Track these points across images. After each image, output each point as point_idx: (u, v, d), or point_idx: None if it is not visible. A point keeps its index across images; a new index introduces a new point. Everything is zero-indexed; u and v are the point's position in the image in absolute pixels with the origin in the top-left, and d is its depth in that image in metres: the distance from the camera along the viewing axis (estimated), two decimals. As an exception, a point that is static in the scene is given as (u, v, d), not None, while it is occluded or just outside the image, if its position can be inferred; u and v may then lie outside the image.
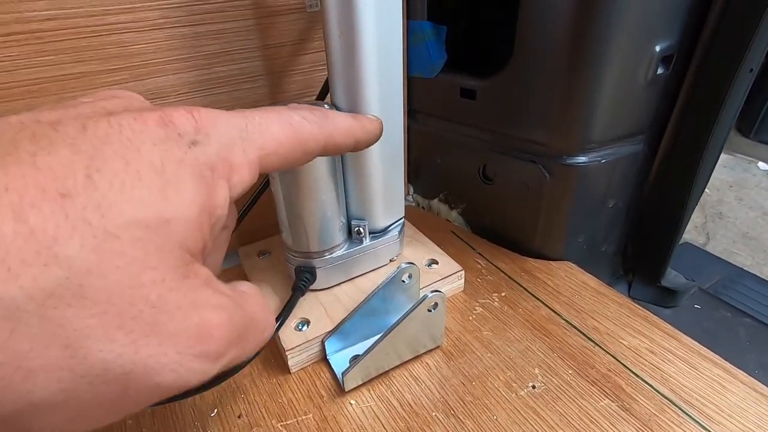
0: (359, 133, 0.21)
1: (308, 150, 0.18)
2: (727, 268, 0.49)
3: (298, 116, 0.18)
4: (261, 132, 0.16)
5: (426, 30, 0.37)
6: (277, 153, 0.17)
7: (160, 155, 0.13)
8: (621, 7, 0.28)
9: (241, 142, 0.15)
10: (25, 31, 0.25)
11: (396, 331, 0.26)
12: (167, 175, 0.13)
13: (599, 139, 0.33)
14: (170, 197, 0.13)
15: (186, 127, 0.14)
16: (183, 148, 0.14)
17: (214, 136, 0.15)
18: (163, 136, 0.13)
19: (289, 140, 0.17)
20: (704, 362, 0.28)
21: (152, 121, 0.13)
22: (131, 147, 0.13)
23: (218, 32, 0.31)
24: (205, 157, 0.14)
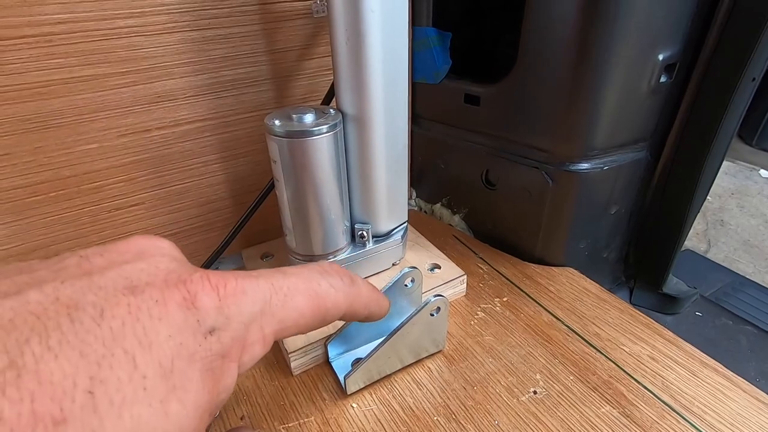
0: (374, 307, 0.21)
1: (327, 319, 0.18)
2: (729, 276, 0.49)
3: (326, 284, 0.18)
4: (284, 304, 0.16)
5: (431, 36, 0.37)
6: (297, 325, 0.16)
7: (171, 352, 0.12)
8: (624, 16, 0.28)
9: (261, 318, 0.15)
10: (36, 34, 0.25)
11: (398, 335, 0.26)
12: (174, 379, 0.12)
13: (602, 146, 0.33)
14: (171, 412, 0.12)
15: (208, 311, 0.14)
16: (199, 339, 0.13)
17: (236, 317, 0.14)
18: (181, 322, 0.13)
19: (312, 312, 0.17)
20: (705, 369, 0.28)
21: (174, 303, 0.13)
22: (144, 343, 0.12)
23: (226, 36, 0.31)
24: (219, 346, 0.14)
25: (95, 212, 0.32)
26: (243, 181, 0.37)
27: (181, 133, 0.32)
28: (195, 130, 0.33)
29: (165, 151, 0.32)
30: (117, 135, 0.30)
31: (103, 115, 0.29)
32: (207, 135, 0.33)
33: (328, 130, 0.26)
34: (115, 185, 0.32)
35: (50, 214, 0.30)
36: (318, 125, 0.26)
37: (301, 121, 0.27)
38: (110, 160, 0.31)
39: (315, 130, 0.26)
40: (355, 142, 0.29)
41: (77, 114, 0.28)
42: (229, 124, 0.34)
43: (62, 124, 0.28)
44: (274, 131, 0.26)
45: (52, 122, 0.28)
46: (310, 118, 0.27)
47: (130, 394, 0.11)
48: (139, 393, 0.12)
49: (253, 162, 0.36)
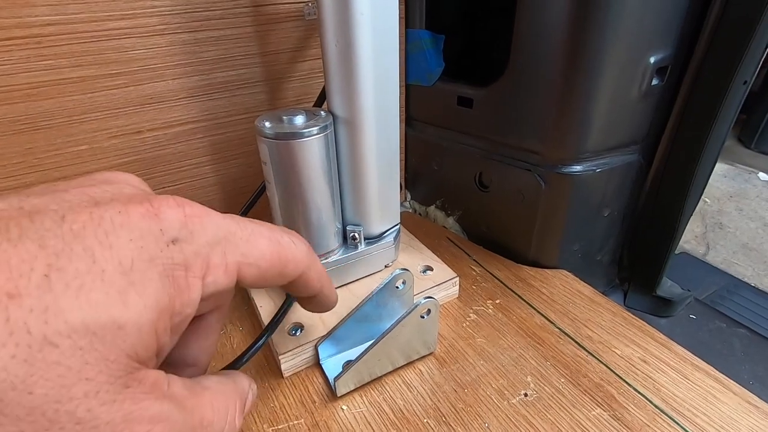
0: (327, 285, 0.22)
1: (285, 273, 0.18)
2: (725, 279, 0.49)
3: (287, 239, 0.18)
4: (248, 240, 0.16)
5: (424, 39, 0.37)
6: (257, 265, 0.17)
7: (132, 253, 0.13)
8: (616, 19, 0.28)
9: (225, 244, 0.15)
10: (26, 36, 0.25)
11: (389, 337, 0.26)
12: (133, 276, 0.13)
13: (594, 149, 0.33)
14: (129, 301, 0.13)
15: (172, 222, 0.14)
16: (161, 245, 0.14)
17: (199, 233, 0.15)
18: (144, 230, 0.13)
19: (272, 257, 0.17)
20: (697, 372, 0.27)
21: (137, 213, 0.14)
22: (104, 243, 0.13)
23: (218, 38, 0.31)
24: (181, 256, 0.14)
25: (86, 214, 0.32)
26: (235, 183, 0.37)
27: (173, 135, 0.32)
28: (187, 132, 0.33)
29: (157, 153, 0.32)
30: (108, 136, 0.30)
31: (93, 116, 0.29)
32: (199, 137, 0.33)
33: (318, 132, 0.26)
34: (106, 187, 0.32)
35: (41, 215, 0.30)
36: (308, 127, 0.26)
37: (291, 123, 0.27)
38: (101, 162, 0.31)
39: (305, 132, 0.26)
40: (347, 144, 0.29)
41: (67, 115, 0.28)
42: (222, 126, 0.34)
43: (52, 125, 0.28)
44: (264, 133, 0.26)
45: (42, 124, 0.28)
46: (301, 120, 0.27)
47: (88, 282, 0.12)
48: (96, 282, 0.12)
49: (245, 164, 0.36)
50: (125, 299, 0.12)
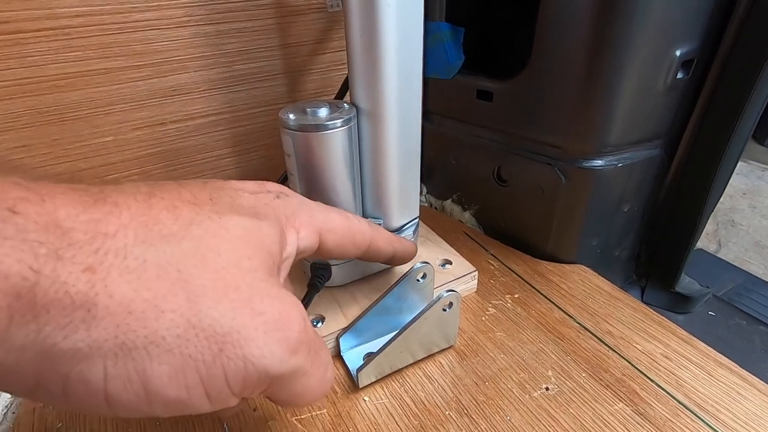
0: (398, 245, 0.27)
1: (357, 242, 0.23)
2: (742, 276, 0.49)
3: (352, 215, 0.23)
4: (324, 212, 0.22)
5: (444, 31, 0.37)
6: (334, 232, 0.22)
7: (254, 201, 0.19)
8: (642, 11, 0.28)
9: (309, 212, 0.21)
10: (56, 27, 0.25)
11: (410, 329, 0.26)
12: (258, 209, 0.18)
13: (616, 143, 0.33)
14: (261, 218, 0.18)
15: (274, 188, 0.20)
16: (271, 198, 0.19)
17: (291, 199, 0.21)
18: (257, 190, 0.19)
19: (344, 227, 0.22)
20: (720, 369, 0.27)
21: (251, 183, 0.20)
22: (235, 195, 0.18)
23: (240, 30, 0.31)
24: (284, 208, 0.19)
25: (110, 205, 0.32)
26: (255, 175, 0.37)
27: (195, 127, 0.32)
28: (209, 124, 0.33)
29: (179, 145, 0.32)
30: (132, 128, 0.30)
31: (118, 108, 0.29)
32: (220, 129, 0.34)
33: (342, 125, 0.26)
34: (129, 178, 0.32)
35: (66, 205, 0.31)
36: (332, 119, 0.26)
37: (315, 115, 0.27)
38: (125, 153, 0.31)
39: (329, 125, 0.26)
40: (369, 136, 0.29)
41: (93, 107, 0.28)
42: (242, 119, 0.34)
43: (79, 116, 0.28)
44: (288, 125, 0.26)
45: (69, 115, 0.28)
46: (325, 113, 0.27)
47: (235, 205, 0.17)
48: (239, 207, 0.17)
49: (265, 156, 0.36)
50: (258, 216, 0.17)
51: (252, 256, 0.16)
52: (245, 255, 0.16)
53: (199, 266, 0.15)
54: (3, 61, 0.25)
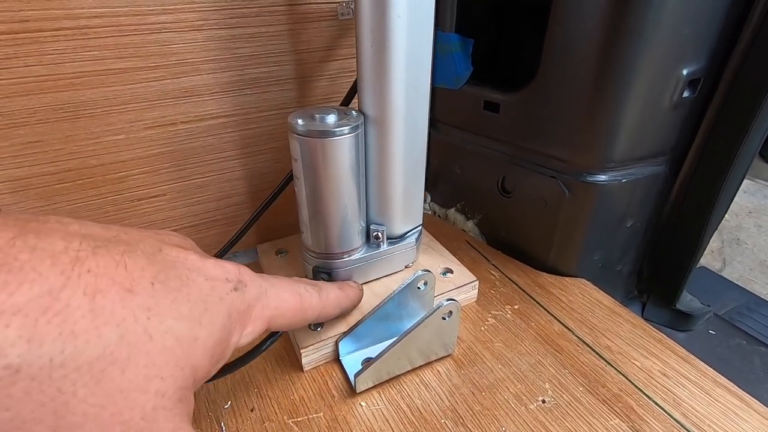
0: (345, 302, 0.27)
1: (306, 317, 0.23)
2: (744, 296, 0.49)
3: (303, 288, 0.23)
4: (276, 297, 0.20)
5: (453, 42, 0.37)
6: (284, 316, 0.21)
7: (208, 289, 0.16)
8: (650, 30, 0.28)
9: (264, 300, 0.20)
10: (74, 27, 0.26)
11: (409, 337, 0.26)
12: (208, 305, 0.16)
13: (621, 159, 0.33)
14: (204, 324, 0.15)
15: (233, 275, 0.18)
16: (227, 290, 0.17)
17: (250, 289, 0.19)
18: (215, 276, 0.17)
19: (295, 307, 0.22)
20: (718, 389, 0.27)
21: (210, 263, 0.17)
22: (190, 276, 0.16)
23: (252, 35, 0.32)
24: (239, 303, 0.18)
25: (118, 201, 0.33)
26: (261, 178, 0.37)
27: (204, 128, 0.33)
28: (218, 126, 0.33)
29: (188, 145, 0.33)
30: (144, 127, 0.31)
31: (131, 107, 0.30)
32: (229, 131, 0.34)
33: (349, 131, 0.27)
34: (138, 176, 0.33)
35: (76, 201, 0.31)
36: (340, 126, 0.27)
37: (323, 121, 0.27)
38: (136, 152, 0.31)
39: (337, 131, 0.26)
40: (375, 143, 0.29)
41: (107, 105, 0.29)
42: (251, 121, 0.35)
43: (93, 114, 0.29)
44: (296, 130, 0.27)
45: (84, 112, 0.29)
46: (333, 119, 0.27)
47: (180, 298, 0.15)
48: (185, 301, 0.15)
49: (272, 159, 0.37)
50: (201, 321, 0.15)
51: (168, 375, 0.14)
52: (159, 374, 0.13)
53: (89, 386, 0.12)
54: (22, 59, 0.25)
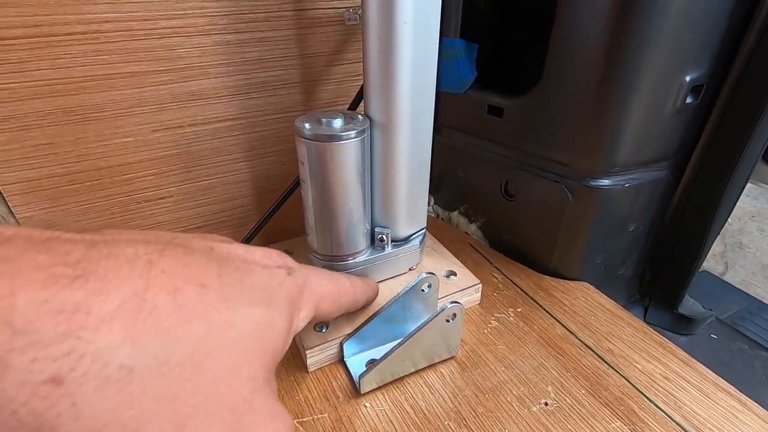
0: (369, 291, 0.29)
1: (342, 304, 0.24)
2: (746, 300, 0.49)
3: (336, 275, 0.25)
4: (318, 283, 0.21)
5: (458, 47, 0.38)
6: (326, 301, 0.22)
7: (267, 277, 0.17)
8: (653, 37, 0.28)
9: (310, 287, 0.20)
10: (86, 32, 0.27)
11: (414, 338, 0.27)
12: (271, 291, 0.17)
13: (624, 163, 0.33)
14: (275, 307, 0.16)
15: (281, 261, 0.19)
16: (283, 275, 0.18)
17: (299, 274, 0.19)
18: (268, 264, 0.18)
19: (334, 294, 0.23)
20: (719, 393, 0.28)
21: (258, 253, 0.18)
22: (246, 268, 0.16)
23: (260, 40, 0.32)
24: (293, 287, 0.18)
25: (126, 203, 0.33)
26: (267, 180, 0.38)
27: (211, 131, 0.33)
28: (225, 129, 0.34)
29: (195, 148, 0.33)
30: (152, 130, 0.31)
31: (140, 110, 0.30)
32: (236, 134, 0.34)
33: (355, 136, 0.27)
34: (146, 178, 0.33)
35: (85, 202, 0.32)
36: (346, 130, 0.27)
37: (330, 126, 0.27)
38: (144, 154, 0.32)
39: (343, 135, 0.27)
40: (381, 148, 0.30)
41: (117, 108, 0.29)
42: (258, 125, 0.35)
43: (102, 117, 0.29)
44: (303, 134, 0.27)
45: (93, 115, 0.29)
46: (339, 123, 0.28)
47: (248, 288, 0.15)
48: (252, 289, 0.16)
49: (278, 162, 0.37)
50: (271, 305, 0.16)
51: (254, 360, 0.14)
52: (247, 360, 0.14)
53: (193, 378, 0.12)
54: (34, 62, 0.26)
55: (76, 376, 0.10)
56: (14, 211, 0.29)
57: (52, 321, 0.10)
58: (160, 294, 0.12)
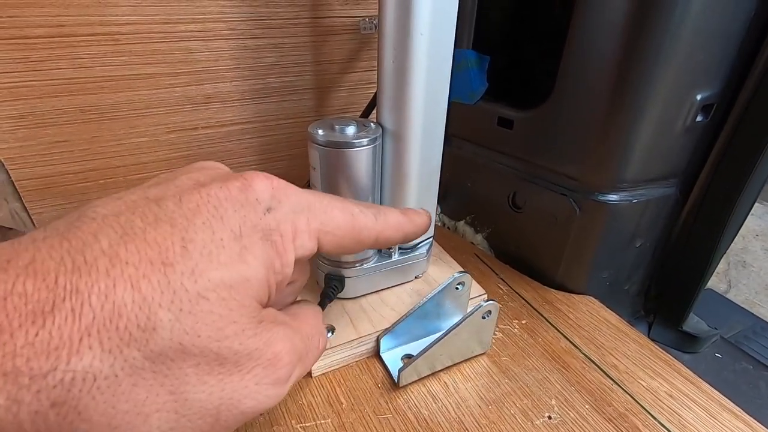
0: (408, 227, 0.24)
1: (361, 240, 0.21)
2: (751, 319, 0.48)
3: (357, 208, 0.21)
4: (324, 211, 0.19)
5: (470, 58, 0.38)
6: (334, 233, 0.19)
7: (239, 221, 0.16)
8: (666, 56, 0.28)
9: (307, 213, 0.18)
10: (106, 33, 0.27)
11: (452, 334, 0.27)
12: (244, 240, 0.16)
13: (632, 179, 0.33)
14: (248, 260, 0.15)
15: (264, 194, 0.17)
16: (259, 214, 0.16)
17: (286, 203, 0.17)
18: (243, 201, 0.16)
19: (347, 226, 0.20)
20: (724, 412, 0.27)
21: (235, 188, 0.16)
22: (216, 215, 0.15)
23: (276, 46, 0.32)
24: (275, 222, 0.17)
25: (137, 202, 0.34)
26: (276, 184, 0.38)
27: (225, 134, 0.34)
28: (238, 132, 0.34)
29: (209, 149, 0.34)
30: (166, 131, 0.32)
31: (155, 111, 0.31)
32: (248, 137, 0.35)
33: (368, 143, 0.27)
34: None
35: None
36: (359, 138, 0.27)
37: (343, 133, 0.28)
38: (157, 154, 0.32)
39: (356, 143, 0.27)
40: (392, 156, 0.30)
41: (133, 109, 0.30)
42: (270, 129, 0.35)
43: (119, 117, 0.30)
44: (316, 140, 0.27)
45: (110, 115, 0.29)
46: (352, 131, 0.28)
47: (214, 249, 0.15)
48: (220, 248, 0.15)
49: (288, 166, 0.38)
50: (244, 259, 0.15)
51: (237, 317, 0.15)
52: (230, 320, 0.15)
53: (178, 356, 0.13)
54: (55, 61, 0.26)
55: (74, 394, 0.12)
56: (28, 207, 0.30)
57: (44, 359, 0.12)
58: (126, 291, 0.13)
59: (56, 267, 0.13)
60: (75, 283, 0.13)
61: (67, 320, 0.12)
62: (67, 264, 0.13)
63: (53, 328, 0.12)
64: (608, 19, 0.29)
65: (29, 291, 0.12)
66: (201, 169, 0.18)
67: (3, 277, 0.12)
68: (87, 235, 0.14)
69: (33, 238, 0.13)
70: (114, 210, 0.15)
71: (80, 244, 0.13)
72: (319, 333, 0.20)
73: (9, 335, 0.11)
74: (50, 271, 0.13)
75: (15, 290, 0.12)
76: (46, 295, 0.12)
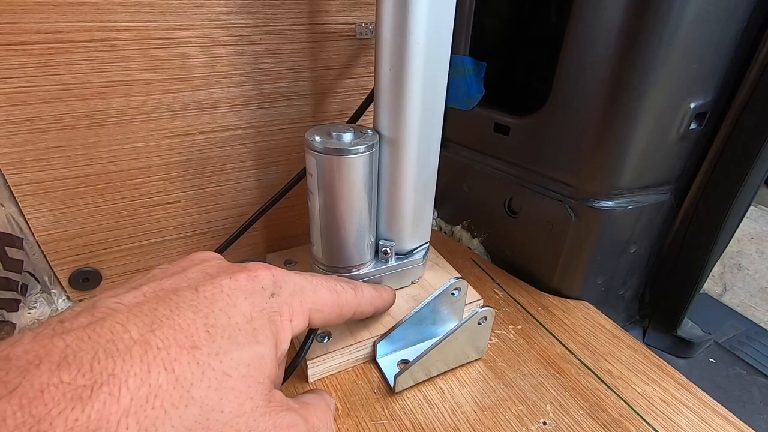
0: (378, 302, 0.28)
1: (343, 314, 0.24)
2: (745, 324, 0.49)
3: (339, 285, 0.24)
4: (314, 291, 0.22)
5: (467, 65, 0.38)
6: (322, 311, 0.22)
7: (249, 307, 0.18)
8: (660, 64, 0.29)
9: (301, 296, 0.21)
10: (104, 39, 0.27)
11: (448, 339, 0.28)
12: (254, 323, 0.18)
13: (627, 186, 0.34)
14: (259, 339, 0.17)
15: (267, 282, 0.20)
16: (265, 299, 0.19)
17: (285, 288, 0.20)
18: (251, 289, 0.19)
19: (332, 303, 0.23)
20: (717, 418, 0.28)
21: (243, 278, 0.19)
22: (230, 302, 0.18)
23: (273, 52, 0.33)
24: (278, 306, 0.19)
25: (134, 207, 0.34)
26: (273, 189, 0.38)
27: (221, 139, 0.34)
28: (235, 137, 0.34)
29: (205, 155, 0.34)
30: (163, 136, 0.32)
31: (153, 116, 0.31)
32: (245, 142, 0.35)
33: (364, 150, 0.28)
34: (155, 183, 0.33)
35: (94, 204, 0.32)
36: (356, 145, 0.27)
37: (340, 139, 0.28)
38: (154, 159, 0.32)
39: (352, 149, 0.27)
40: (389, 162, 0.30)
41: (130, 114, 0.30)
42: (267, 134, 0.35)
43: (116, 122, 0.30)
44: (313, 146, 0.27)
45: (107, 120, 0.29)
46: (349, 137, 0.28)
47: (233, 331, 0.17)
48: (237, 331, 0.17)
49: (285, 171, 0.38)
50: (257, 339, 0.17)
51: (254, 393, 0.16)
52: (248, 396, 0.16)
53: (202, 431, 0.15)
54: (53, 67, 0.26)
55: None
56: (24, 212, 0.30)
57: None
58: (161, 374, 0.14)
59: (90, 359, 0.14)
60: (111, 369, 0.14)
61: (105, 404, 0.13)
62: (100, 354, 0.14)
63: (92, 411, 0.13)
64: (603, 28, 0.29)
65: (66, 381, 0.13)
66: (203, 261, 0.20)
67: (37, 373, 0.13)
68: (115, 326, 0.15)
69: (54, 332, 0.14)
70: (135, 301, 0.16)
71: (109, 335, 0.14)
72: (326, 427, 0.21)
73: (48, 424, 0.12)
74: (84, 362, 0.13)
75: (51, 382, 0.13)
76: (83, 383, 0.13)
